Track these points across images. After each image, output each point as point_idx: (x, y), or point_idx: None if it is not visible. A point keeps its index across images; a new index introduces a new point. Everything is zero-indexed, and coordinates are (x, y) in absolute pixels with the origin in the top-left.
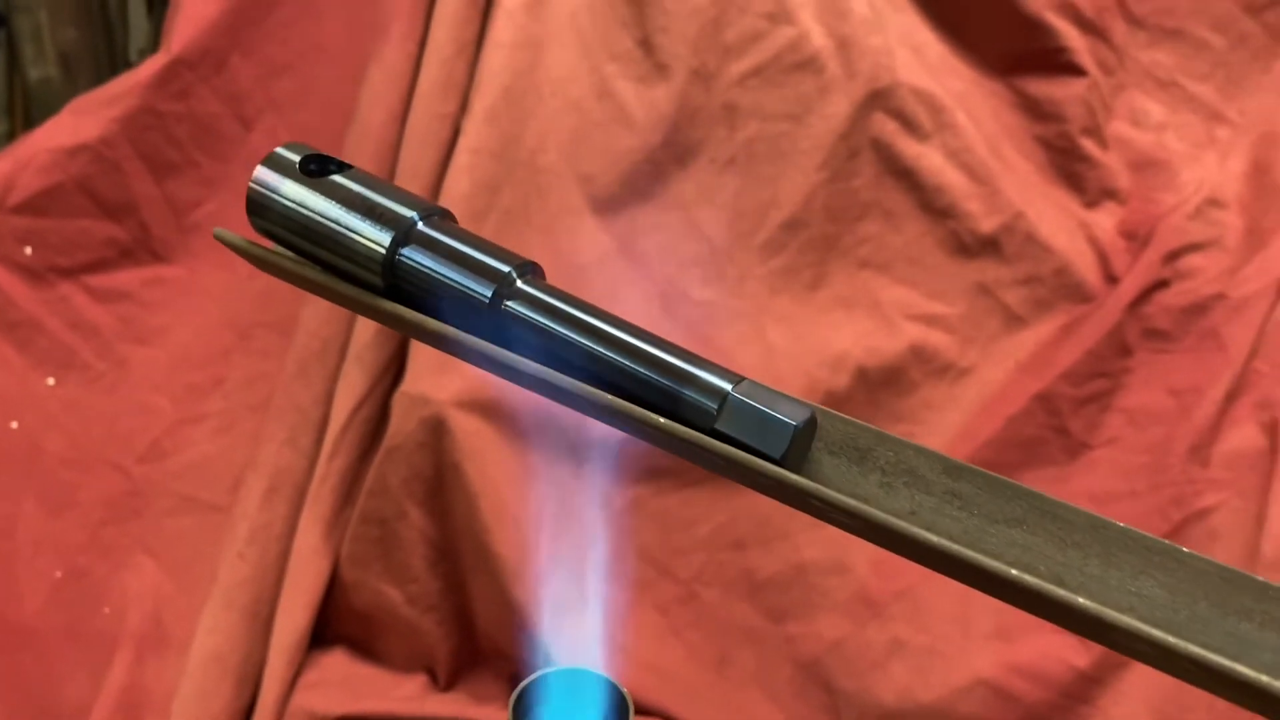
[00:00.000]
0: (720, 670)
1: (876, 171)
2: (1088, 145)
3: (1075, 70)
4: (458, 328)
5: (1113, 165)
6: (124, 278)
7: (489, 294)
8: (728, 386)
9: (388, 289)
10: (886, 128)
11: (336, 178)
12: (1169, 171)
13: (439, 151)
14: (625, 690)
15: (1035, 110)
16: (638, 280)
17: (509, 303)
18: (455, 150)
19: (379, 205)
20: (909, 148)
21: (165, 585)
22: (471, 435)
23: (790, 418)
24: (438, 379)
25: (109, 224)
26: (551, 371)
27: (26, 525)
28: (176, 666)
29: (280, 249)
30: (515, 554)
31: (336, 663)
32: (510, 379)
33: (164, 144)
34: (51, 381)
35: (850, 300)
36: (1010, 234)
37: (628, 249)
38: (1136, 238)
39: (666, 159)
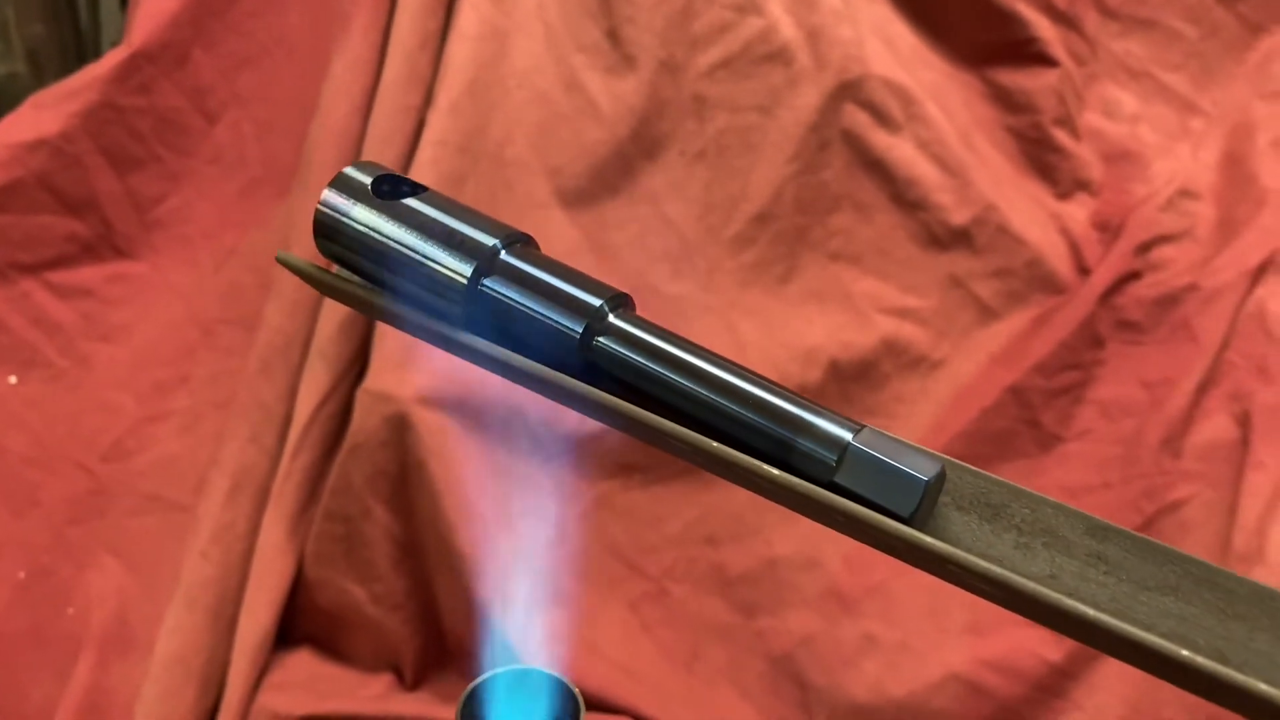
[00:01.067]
0: (691, 667)
1: (847, 163)
2: (1060, 136)
3: (1047, 61)
4: (546, 364)
5: (1085, 156)
6: (86, 274)
7: (580, 329)
8: (848, 436)
9: (468, 320)
10: (857, 119)
11: (411, 201)
12: (1141, 162)
13: (403, 145)
14: (576, 689)
15: (1007, 101)
16: (607, 274)
17: (601, 339)
18: (420, 143)
19: (459, 232)
20: (880, 139)
21: (130, 585)
22: (436, 432)
23: (920, 472)
24: (401, 375)
25: (70, 220)
26: (657, 418)
27: None
28: (141, 668)
29: (347, 274)
30: (480, 552)
31: (301, 662)
32: (605, 421)
33: (126, 138)
34: (13, 380)
35: (822, 293)
36: (982, 226)
37: (597, 243)
38: (1109, 229)
39: (635, 152)
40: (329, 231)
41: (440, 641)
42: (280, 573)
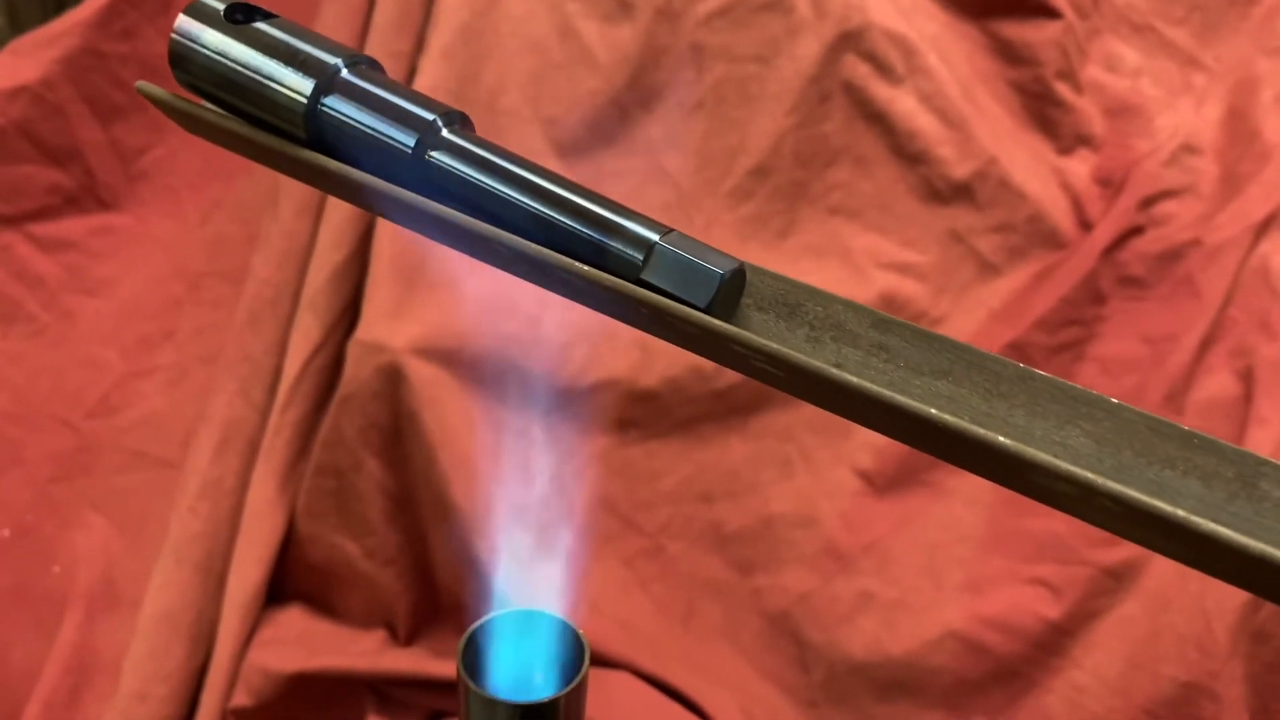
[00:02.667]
0: (687, 624)
1: (847, 116)
2: (1062, 90)
3: (1050, 13)
4: (382, 179)
5: (1087, 111)
6: (69, 226)
7: (412, 143)
8: (655, 237)
9: (311, 141)
10: (858, 70)
11: (260, 25)
12: (1144, 117)
13: None
14: (581, 632)
15: (1009, 54)
16: None
17: (433, 153)
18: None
19: (302, 53)
20: (881, 91)
21: (115, 543)
22: (429, 383)
23: (717, 267)
24: (393, 325)
25: (53, 170)
26: (475, 221)
27: None
28: (128, 626)
29: (204, 103)
30: (475, 505)
31: (292, 619)
32: (433, 235)
33: (108, 86)
34: None
35: (820, 248)
36: (983, 180)
37: None
38: (1111, 184)
39: (631, 102)
40: (181, 60)
41: (433, 596)
42: (271, 528)
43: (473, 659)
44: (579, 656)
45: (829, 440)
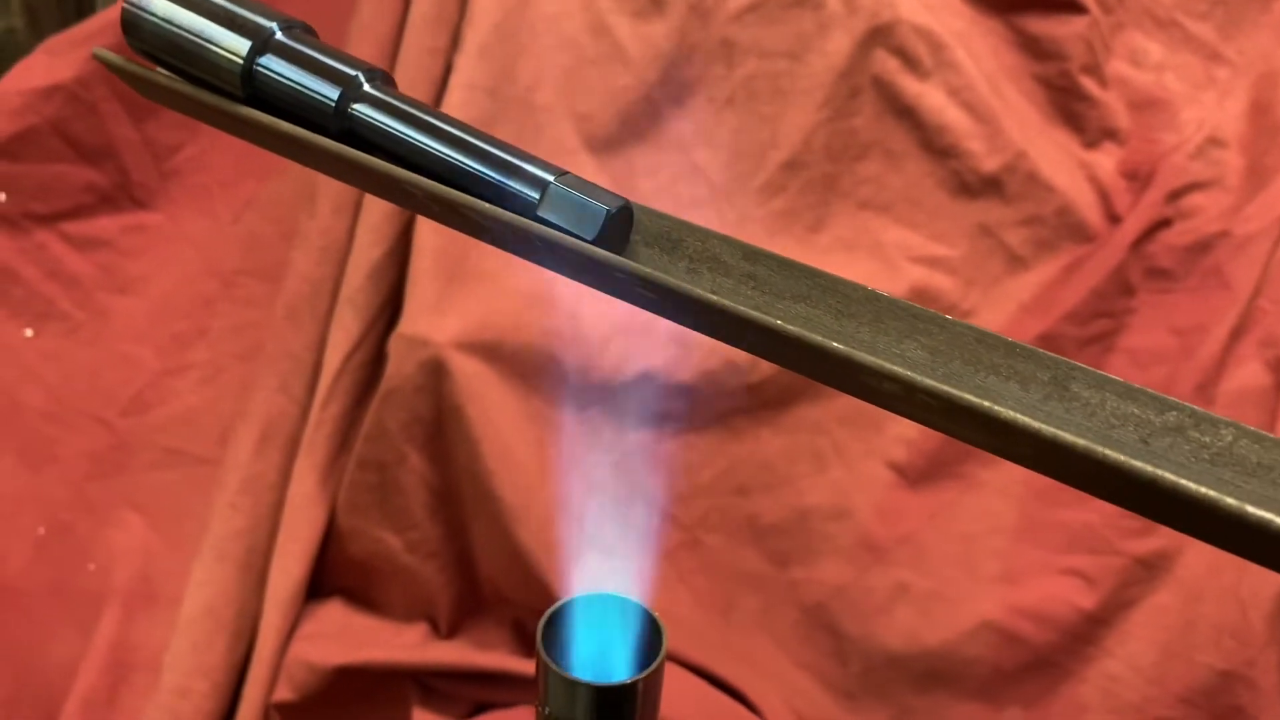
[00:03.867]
0: (726, 615)
1: (877, 110)
2: (1088, 84)
3: (1074, 8)
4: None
5: (1113, 104)
6: (103, 224)
7: (335, 97)
8: (550, 178)
9: (248, 99)
10: (887, 65)
11: None
12: (1169, 111)
13: (432, 87)
14: (658, 616)
15: (1035, 49)
16: None
17: (355, 106)
18: (449, 86)
19: (239, 16)
20: (910, 86)
21: (152, 540)
22: (472, 377)
23: (604, 203)
24: (436, 320)
25: (87, 169)
26: (390, 166)
27: (7, 481)
28: (166, 622)
29: (155, 68)
30: (519, 497)
31: (333, 613)
32: (357, 183)
33: None
34: (29, 333)
35: (851, 242)
36: (1012, 174)
37: (626, 190)
38: (1137, 177)
39: (663, 98)
40: (132, 27)
41: (475, 589)
42: (312, 523)
43: (551, 640)
44: (655, 641)
45: (861, 433)
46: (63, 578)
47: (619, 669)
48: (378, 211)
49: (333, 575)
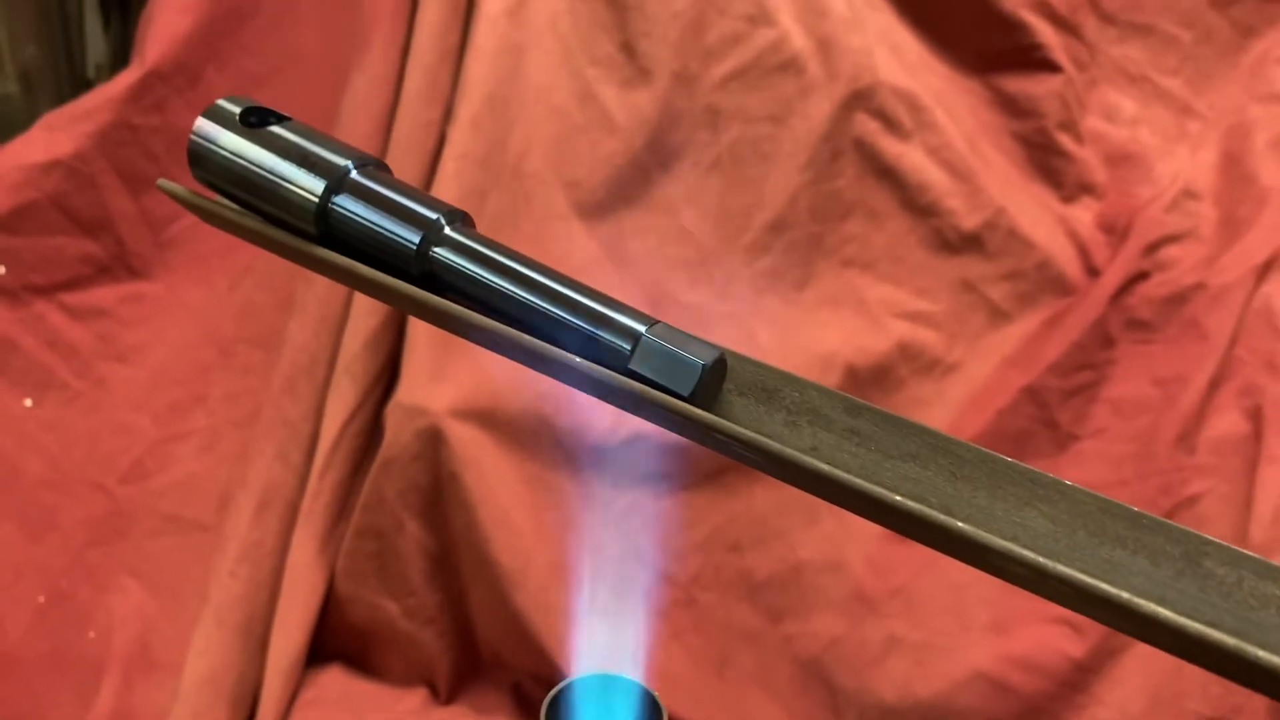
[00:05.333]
0: (721, 672)
1: (859, 171)
2: (1064, 140)
3: (1050, 66)
4: (388, 274)
5: (1089, 160)
6: (101, 295)
7: (417, 240)
8: (641, 328)
9: (322, 237)
10: (868, 127)
11: (275, 128)
12: (1144, 165)
13: (425, 158)
14: (657, 696)
15: (1012, 107)
16: (625, 284)
17: (437, 250)
18: (442, 158)
19: (313, 155)
20: (891, 147)
21: (151, 607)
22: (468, 444)
23: (699, 357)
24: (432, 389)
25: (85, 240)
26: (475, 314)
27: (7, 550)
28: (165, 689)
29: (221, 200)
30: (516, 561)
31: (333, 680)
32: (439, 324)
33: (139, 158)
34: (29, 403)
35: (837, 299)
36: (992, 230)
37: (615, 253)
38: (1115, 231)
39: (651, 162)
40: (199, 160)
41: (474, 654)
42: (311, 590)
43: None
44: (655, 718)
45: None
46: (63, 646)
47: None
48: None
49: (332, 642)
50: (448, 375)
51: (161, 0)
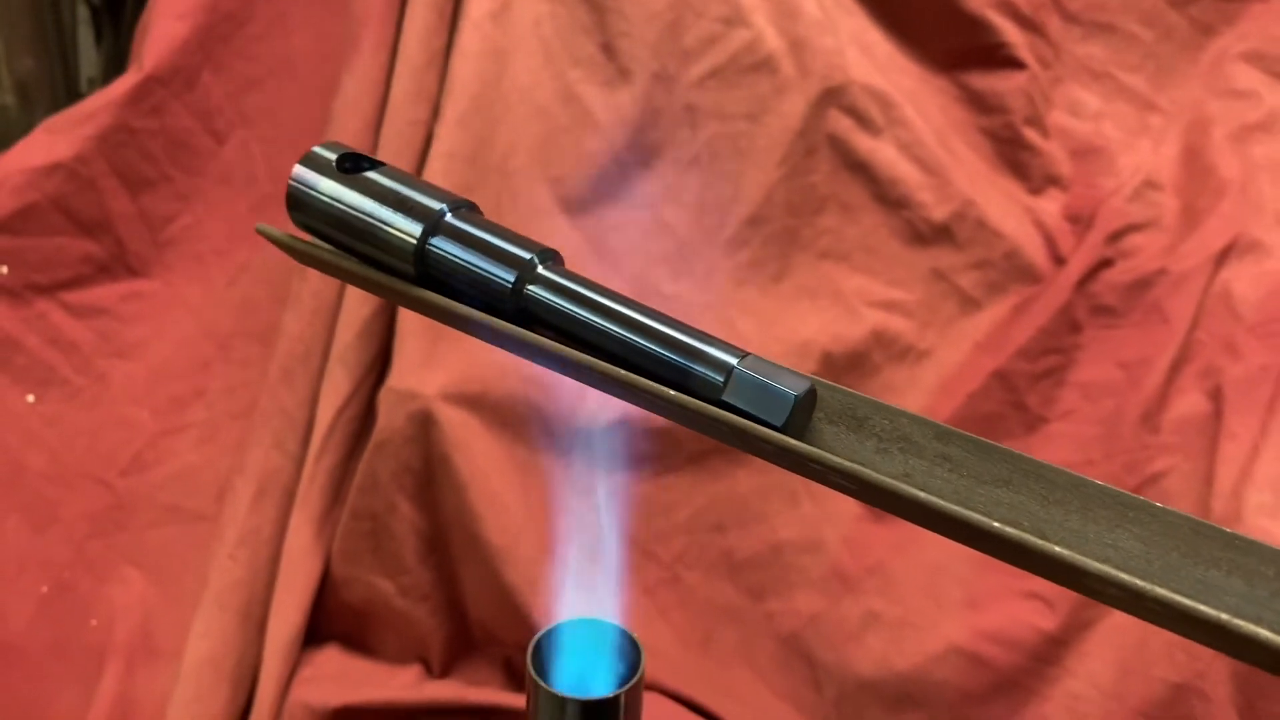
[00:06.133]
0: (705, 647)
1: (833, 166)
2: (1030, 135)
3: (1015, 64)
4: (484, 312)
5: (1054, 153)
6: (101, 293)
7: (512, 279)
8: (734, 361)
9: (419, 277)
10: (841, 124)
11: (370, 174)
12: (1107, 157)
13: (414, 157)
14: (636, 637)
15: (979, 103)
16: (609, 276)
17: (530, 287)
18: (429, 155)
19: (410, 199)
20: (863, 142)
21: (152, 596)
22: (459, 427)
23: (791, 388)
24: (423, 374)
25: (85, 241)
26: (571, 350)
27: (10, 542)
28: (167, 675)
29: (318, 242)
30: (506, 539)
31: (330, 658)
32: (534, 359)
33: (138, 160)
34: (31, 399)
35: (813, 290)
36: (962, 221)
37: (598, 247)
38: (1080, 220)
39: (632, 160)
40: (299, 204)
41: (466, 630)
42: (308, 572)
43: (540, 662)
44: (635, 659)
45: None
46: (66, 635)
47: (602, 687)
48: None
49: (329, 622)
50: (438, 362)
51: (158, 7)
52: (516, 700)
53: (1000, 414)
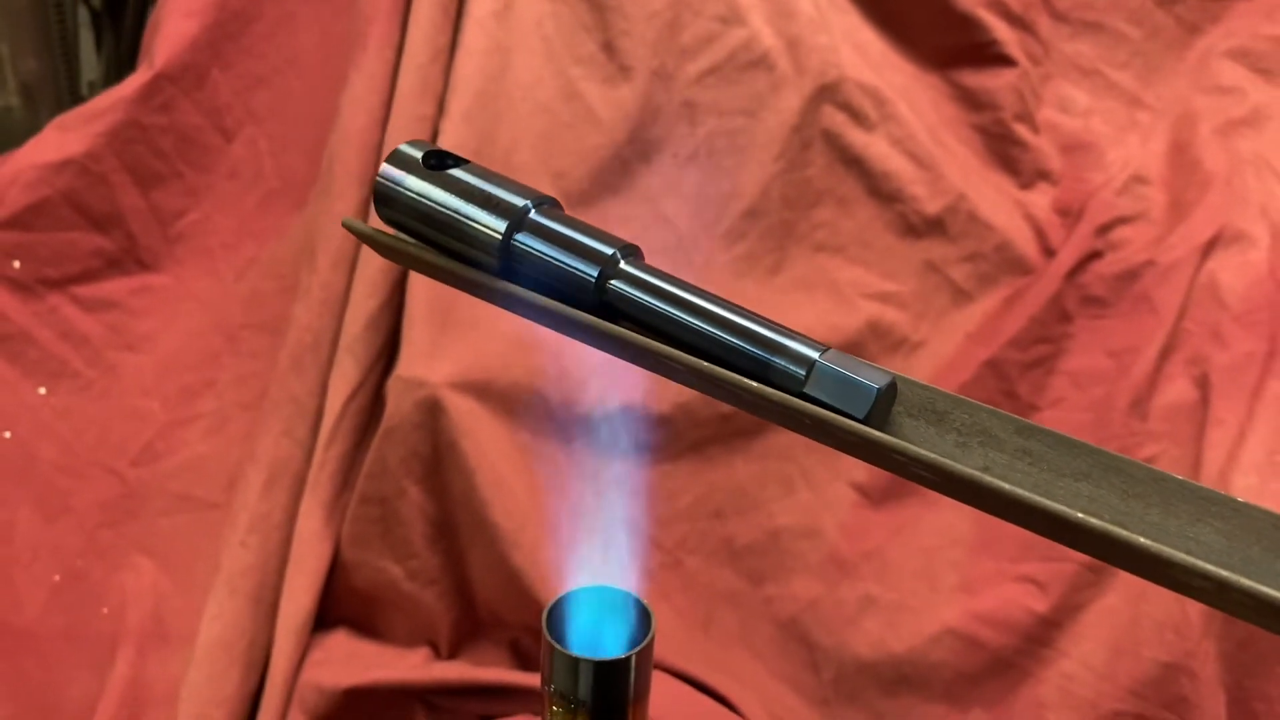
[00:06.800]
0: (707, 631)
1: (828, 161)
2: (1020, 131)
3: (1006, 61)
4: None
5: (1044, 148)
6: (112, 287)
7: (595, 274)
8: (815, 355)
9: (503, 271)
10: (835, 119)
11: (455, 171)
12: (1096, 152)
13: None
14: (647, 603)
15: (970, 100)
16: None
17: (613, 282)
18: None
19: (495, 196)
20: (857, 138)
21: (163, 583)
22: (466, 414)
23: (873, 382)
24: (431, 363)
25: (96, 235)
26: (654, 343)
27: (23, 532)
28: (179, 660)
29: (403, 236)
30: (513, 522)
31: (339, 642)
32: (617, 354)
33: (149, 156)
34: (43, 391)
35: (809, 282)
36: (954, 214)
37: None
38: (1070, 214)
39: (632, 155)
40: (386, 200)
41: (473, 613)
42: (318, 557)
43: (554, 626)
44: (645, 624)
45: (826, 458)
46: (78, 622)
47: (614, 650)
48: (373, 266)
49: (338, 606)
50: (445, 351)
51: (168, 6)
52: (524, 680)
53: (992, 402)
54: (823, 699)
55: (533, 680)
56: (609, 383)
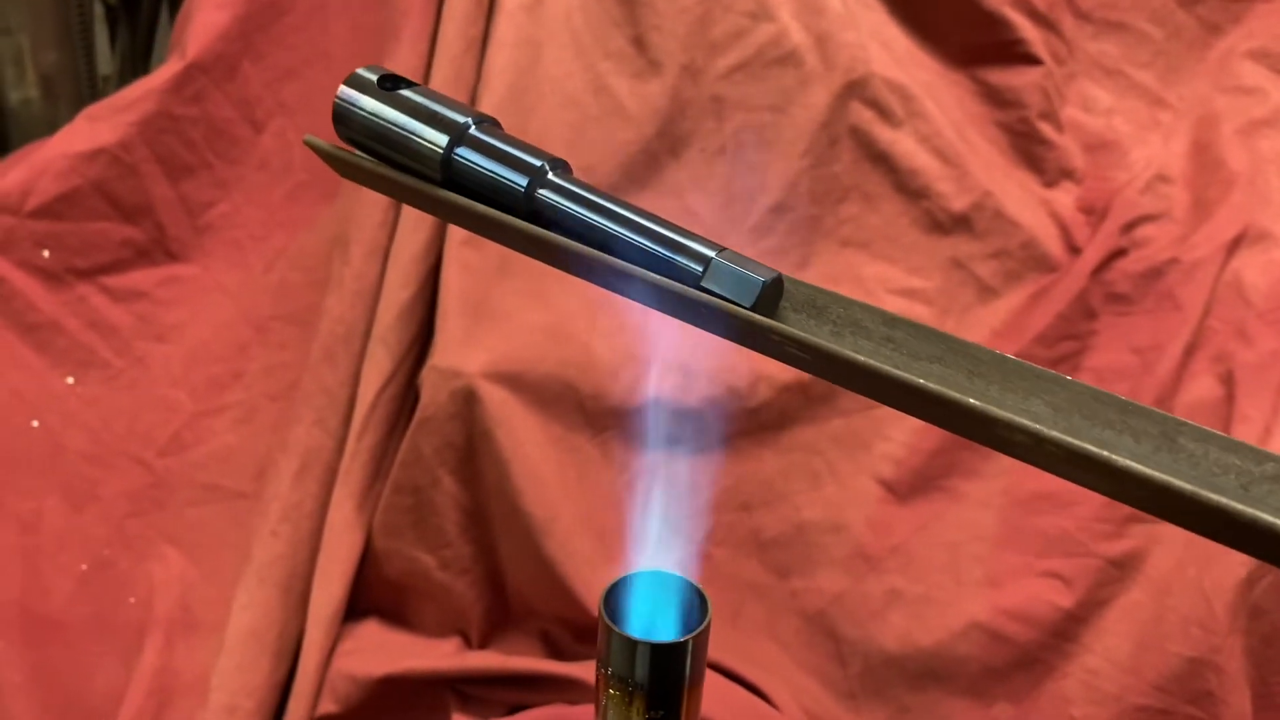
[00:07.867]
0: (734, 623)
1: (855, 157)
2: (1045, 129)
3: (1031, 60)
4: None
5: (1068, 147)
6: (140, 277)
7: (525, 184)
8: (712, 253)
9: (445, 183)
10: (863, 116)
11: (405, 92)
12: (1119, 151)
13: None
14: (702, 588)
15: (996, 98)
16: None
17: (541, 191)
18: None
19: (439, 113)
20: (884, 134)
21: (190, 572)
22: (500, 405)
23: (760, 275)
24: (465, 353)
25: (126, 226)
26: (571, 242)
27: (51, 521)
28: (206, 648)
29: (359, 153)
30: (546, 512)
31: (370, 632)
32: (543, 258)
33: (179, 147)
34: (71, 380)
35: (835, 277)
36: (980, 211)
37: None
38: (1094, 212)
39: (661, 149)
40: (343, 118)
41: (505, 603)
42: (350, 546)
43: (611, 608)
44: (701, 608)
45: (852, 453)
46: (105, 611)
47: (668, 634)
48: (406, 256)
49: (368, 596)
50: (478, 342)
51: None
52: (556, 668)
53: None
54: (849, 692)
55: (564, 670)
56: (638, 376)
